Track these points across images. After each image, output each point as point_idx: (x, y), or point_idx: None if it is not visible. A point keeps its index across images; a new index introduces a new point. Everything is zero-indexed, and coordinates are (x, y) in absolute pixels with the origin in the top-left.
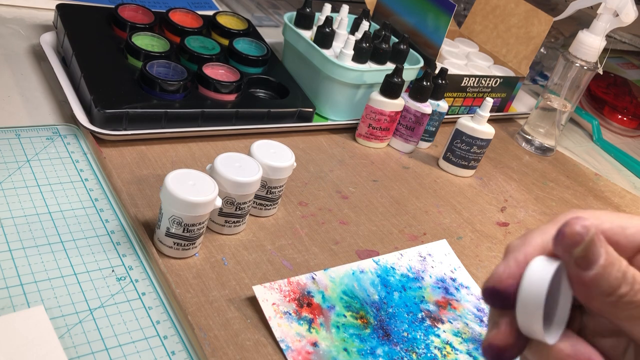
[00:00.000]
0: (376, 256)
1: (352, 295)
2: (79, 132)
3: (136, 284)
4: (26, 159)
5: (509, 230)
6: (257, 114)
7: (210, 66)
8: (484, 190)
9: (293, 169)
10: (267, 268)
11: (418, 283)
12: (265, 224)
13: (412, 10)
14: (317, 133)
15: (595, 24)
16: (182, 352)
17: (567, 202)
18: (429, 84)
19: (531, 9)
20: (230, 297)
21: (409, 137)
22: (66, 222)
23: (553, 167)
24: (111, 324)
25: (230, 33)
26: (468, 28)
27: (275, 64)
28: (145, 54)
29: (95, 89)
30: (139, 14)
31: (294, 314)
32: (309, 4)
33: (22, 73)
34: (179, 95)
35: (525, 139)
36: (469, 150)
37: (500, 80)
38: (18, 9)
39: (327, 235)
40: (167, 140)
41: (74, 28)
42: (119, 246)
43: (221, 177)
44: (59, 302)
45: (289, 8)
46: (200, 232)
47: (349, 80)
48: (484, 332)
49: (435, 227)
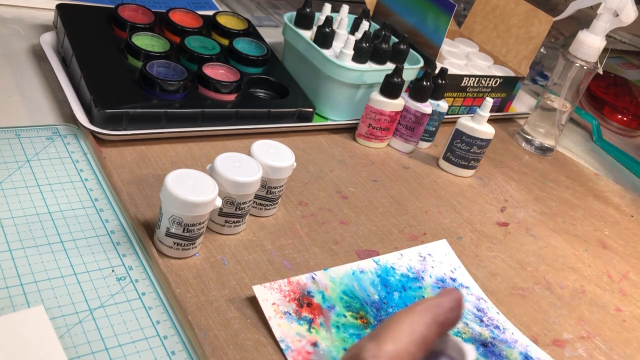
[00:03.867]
0: (376, 256)
1: (352, 295)
2: (79, 132)
3: (136, 284)
4: (26, 159)
5: (509, 230)
6: (257, 114)
7: (210, 66)
8: (484, 190)
9: (293, 169)
10: (267, 268)
11: (418, 283)
12: (265, 224)
13: (412, 10)
14: (317, 133)
15: (595, 24)
16: (182, 352)
17: (567, 202)
18: (429, 84)
19: (531, 9)
20: (230, 297)
21: (409, 137)
22: (66, 222)
23: (553, 167)
24: (111, 324)
25: (230, 33)
26: (468, 28)
27: (275, 64)
28: (145, 54)
29: (95, 89)
30: (139, 14)
31: (294, 314)
32: (309, 4)
33: (22, 73)
34: (179, 95)
35: (525, 139)
36: (469, 150)
37: (500, 80)
38: (18, 9)
39: (327, 235)
40: (167, 140)
41: (74, 28)
42: (119, 246)
43: (221, 177)
44: (59, 302)
45: (289, 8)
46: (200, 232)
47: (349, 80)
48: (484, 332)
49: (435, 227)
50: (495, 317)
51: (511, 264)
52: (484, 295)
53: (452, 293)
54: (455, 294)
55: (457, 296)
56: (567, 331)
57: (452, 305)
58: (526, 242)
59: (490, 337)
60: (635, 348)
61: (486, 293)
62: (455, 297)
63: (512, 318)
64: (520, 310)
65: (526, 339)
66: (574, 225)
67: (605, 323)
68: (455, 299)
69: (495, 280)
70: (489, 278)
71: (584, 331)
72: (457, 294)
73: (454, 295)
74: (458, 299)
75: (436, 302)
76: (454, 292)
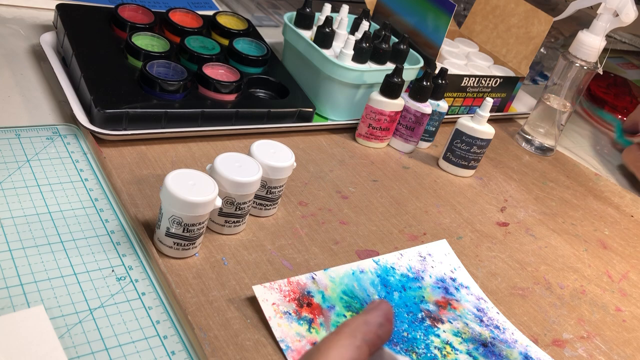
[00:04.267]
0: (376, 256)
1: (352, 295)
2: (79, 132)
3: (136, 284)
4: (26, 159)
5: (509, 230)
6: (257, 114)
7: (210, 66)
8: (484, 190)
9: (293, 169)
10: (267, 268)
11: (418, 283)
12: (265, 224)
13: (412, 10)
14: (317, 133)
15: (595, 24)
16: (182, 352)
17: (567, 202)
18: (429, 84)
19: (531, 9)
20: (230, 297)
21: (409, 137)
22: (66, 222)
23: (553, 167)
24: (111, 324)
25: (230, 33)
26: (468, 28)
27: (275, 64)
28: (145, 54)
29: (95, 89)
30: (139, 14)
31: (294, 314)
32: (309, 4)
33: (22, 73)
34: (179, 95)
35: (525, 139)
36: (469, 150)
37: (500, 80)
38: (18, 9)
39: (327, 235)
40: (167, 140)
41: (74, 28)
42: (119, 246)
43: (221, 177)
44: (59, 302)
45: (289, 8)
46: (200, 232)
47: (349, 80)
48: (484, 332)
49: (435, 227)
50: (495, 317)
51: (511, 263)
52: (483, 295)
53: (380, 307)
54: (383, 308)
55: (385, 309)
56: (567, 331)
57: (381, 321)
58: (526, 242)
59: (490, 337)
60: (635, 348)
61: (486, 293)
62: (383, 311)
63: (512, 318)
64: (520, 310)
65: (526, 339)
66: (573, 225)
67: (605, 323)
68: (384, 313)
69: (495, 280)
70: (488, 278)
71: (584, 331)
72: (386, 307)
73: (382, 309)
74: (387, 313)
75: (364, 320)
76: (382, 305)
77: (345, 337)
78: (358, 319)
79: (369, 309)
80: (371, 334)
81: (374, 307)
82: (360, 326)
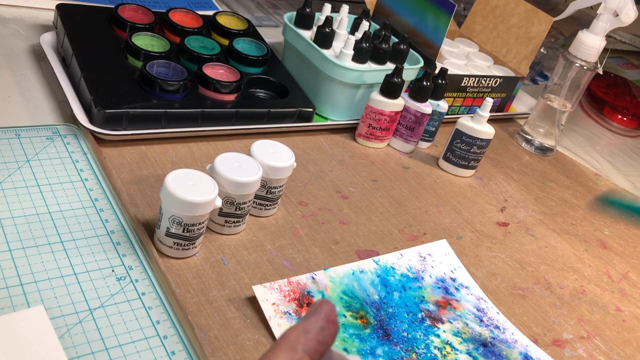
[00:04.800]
0: (376, 256)
1: (352, 295)
2: (79, 132)
3: (136, 284)
4: (26, 159)
5: (509, 230)
6: (257, 114)
7: (210, 66)
8: (484, 190)
9: (293, 169)
10: (267, 268)
11: (418, 283)
12: (265, 224)
13: (412, 10)
14: (317, 133)
15: (595, 24)
16: (182, 352)
17: (566, 202)
18: (429, 84)
19: (531, 9)
20: (230, 297)
21: (409, 137)
22: (66, 222)
23: (553, 167)
24: (111, 324)
25: (230, 33)
26: (468, 28)
27: (275, 64)
28: (145, 54)
29: (95, 89)
30: (139, 14)
31: (294, 313)
32: (309, 4)
33: (22, 73)
34: (179, 95)
35: (525, 139)
36: (469, 150)
37: (500, 80)
38: (18, 9)
39: (327, 235)
40: (167, 140)
41: (74, 28)
42: (119, 246)
43: (221, 177)
44: (59, 302)
45: (289, 8)
46: (200, 232)
47: (349, 80)
48: (484, 332)
49: (435, 227)
50: (495, 317)
51: (511, 263)
52: (483, 295)
53: (320, 309)
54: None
55: (326, 311)
56: (567, 331)
57: (321, 325)
58: (526, 242)
59: (490, 337)
60: (635, 348)
61: (486, 293)
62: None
63: (512, 318)
64: (520, 310)
65: (526, 339)
66: (573, 225)
67: (605, 323)
68: (325, 315)
69: (495, 280)
70: (488, 278)
71: (584, 331)
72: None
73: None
74: (328, 314)
75: (303, 328)
76: (322, 307)
77: (283, 351)
78: (297, 328)
79: (309, 314)
80: (312, 342)
81: (313, 310)
82: (300, 336)
